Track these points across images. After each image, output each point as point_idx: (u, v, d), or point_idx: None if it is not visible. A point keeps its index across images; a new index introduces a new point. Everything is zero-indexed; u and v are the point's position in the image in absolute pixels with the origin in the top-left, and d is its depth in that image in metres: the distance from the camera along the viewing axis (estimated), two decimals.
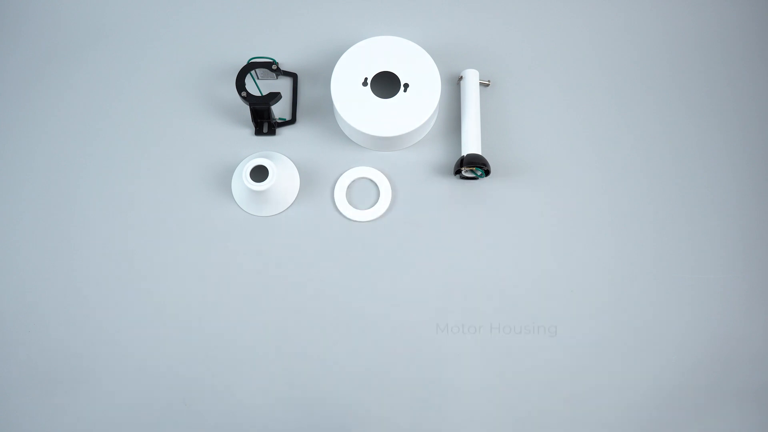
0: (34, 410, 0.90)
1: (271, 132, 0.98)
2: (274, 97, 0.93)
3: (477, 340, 0.91)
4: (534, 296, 0.93)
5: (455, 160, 0.95)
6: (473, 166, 0.92)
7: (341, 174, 0.97)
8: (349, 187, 0.97)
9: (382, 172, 0.97)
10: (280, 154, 0.97)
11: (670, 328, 0.92)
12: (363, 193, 0.97)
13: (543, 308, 0.92)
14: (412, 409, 0.90)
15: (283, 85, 1.00)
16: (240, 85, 0.94)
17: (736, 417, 0.90)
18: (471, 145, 0.94)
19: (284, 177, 0.94)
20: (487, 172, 0.93)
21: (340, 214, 0.95)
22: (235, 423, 0.89)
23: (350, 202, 0.96)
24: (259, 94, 0.94)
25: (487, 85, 0.99)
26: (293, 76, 1.01)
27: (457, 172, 0.94)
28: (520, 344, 0.91)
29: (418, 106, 0.94)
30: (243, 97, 0.93)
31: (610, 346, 0.91)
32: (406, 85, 0.95)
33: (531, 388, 0.90)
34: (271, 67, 0.97)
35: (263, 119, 0.97)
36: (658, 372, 0.91)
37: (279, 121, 0.98)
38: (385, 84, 0.96)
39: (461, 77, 0.99)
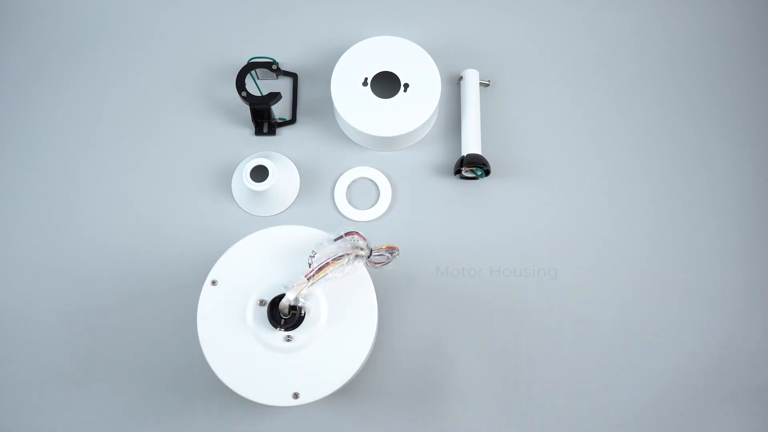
0: (34, 410, 0.90)
1: (271, 132, 0.98)
2: (274, 97, 0.93)
3: (478, 348, 0.91)
4: (533, 296, 0.92)
5: (455, 160, 0.95)
6: (473, 166, 0.92)
7: (341, 174, 0.97)
8: (349, 187, 0.97)
9: (382, 172, 0.97)
10: (280, 154, 0.97)
11: (671, 329, 0.92)
12: (363, 193, 0.97)
13: (542, 310, 0.92)
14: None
15: (283, 85, 1.00)
16: (240, 85, 0.94)
17: (734, 411, 0.90)
18: (471, 145, 0.94)
19: (284, 177, 0.94)
20: (487, 172, 0.93)
21: (340, 214, 0.95)
22: None
23: (350, 202, 0.96)
24: (259, 94, 0.94)
25: (487, 85, 0.99)
26: (293, 76, 1.01)
27: (457, 172, 0.94)
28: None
29: (418, 106, 0.94)
30: (243, 97, 0.93)
31: (612, 350, 0.91)
32: (406, 85, 0.95)
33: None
34: (271, 67, 0.97)
35: (263, 119, 0.97)
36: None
37: (279, 121, 0.98)
38: (385, 84, 0.96)
39: (461, 77, 0.99)
